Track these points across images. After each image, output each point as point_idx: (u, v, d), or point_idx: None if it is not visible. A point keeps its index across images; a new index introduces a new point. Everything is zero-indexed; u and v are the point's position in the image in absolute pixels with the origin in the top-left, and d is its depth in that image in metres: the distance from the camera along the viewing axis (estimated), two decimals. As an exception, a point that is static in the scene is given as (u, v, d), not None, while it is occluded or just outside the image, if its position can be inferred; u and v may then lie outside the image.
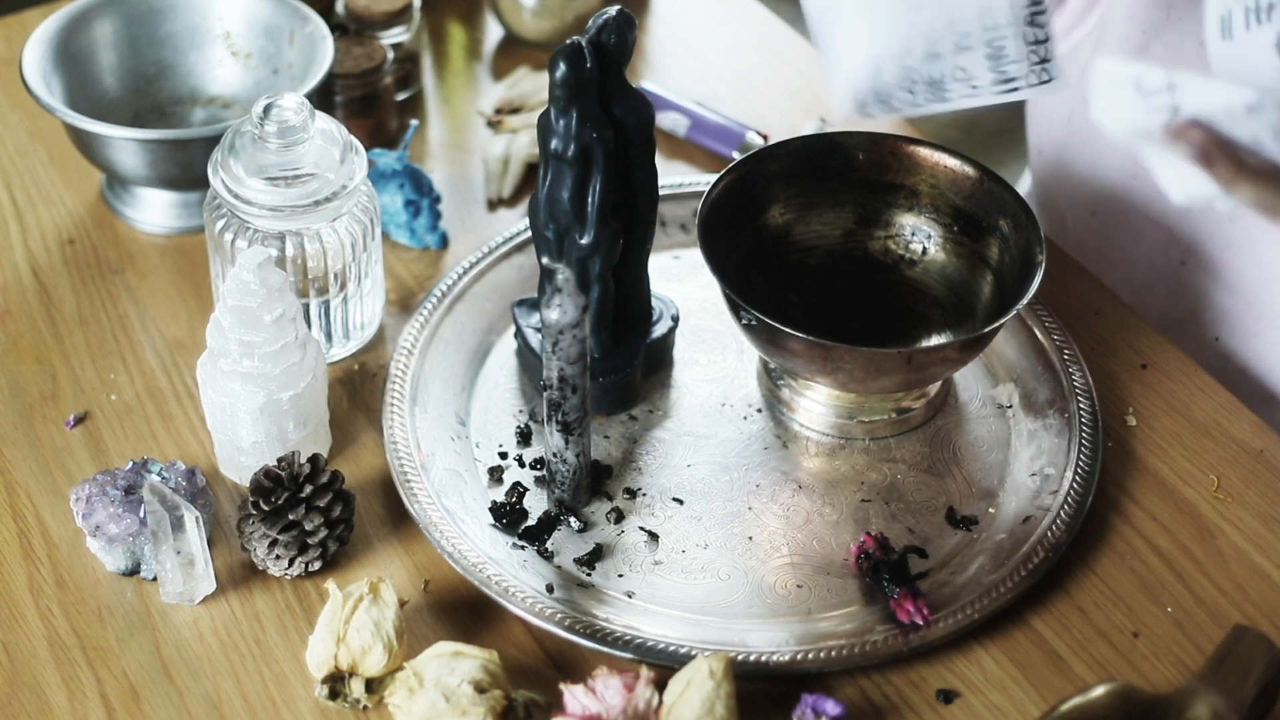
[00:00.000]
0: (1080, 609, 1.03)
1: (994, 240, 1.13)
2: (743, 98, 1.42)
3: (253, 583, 1.03)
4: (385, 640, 0.94)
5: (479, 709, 0.92)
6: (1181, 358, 1.18)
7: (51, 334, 1.19)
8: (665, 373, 1.17)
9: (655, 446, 1.12)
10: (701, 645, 0.99)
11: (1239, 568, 1.05)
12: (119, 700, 0.97)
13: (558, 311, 0.98)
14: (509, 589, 1.01)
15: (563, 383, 1.01)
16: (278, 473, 1.01)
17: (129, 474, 1.04)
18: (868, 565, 1.03)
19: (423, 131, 1.38)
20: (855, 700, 0.98)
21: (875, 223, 1.18)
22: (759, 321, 1.05)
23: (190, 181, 1.22)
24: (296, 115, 1.07)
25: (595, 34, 1.05)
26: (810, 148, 1.16)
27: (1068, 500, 1.07)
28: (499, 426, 1.13)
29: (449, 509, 1.06)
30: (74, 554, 1.05)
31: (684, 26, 1.50)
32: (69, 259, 1.25)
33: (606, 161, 1.06)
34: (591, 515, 1.07)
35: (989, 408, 1.15)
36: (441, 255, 1.26)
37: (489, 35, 1.48)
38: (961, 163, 1.14)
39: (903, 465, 1.11)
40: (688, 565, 1.05)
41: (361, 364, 1.18)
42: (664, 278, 1.22)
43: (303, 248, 1.11)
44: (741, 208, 1.14)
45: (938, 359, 1.07)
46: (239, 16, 1.31)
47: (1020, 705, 0.98)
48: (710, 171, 1.34)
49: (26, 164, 1.33)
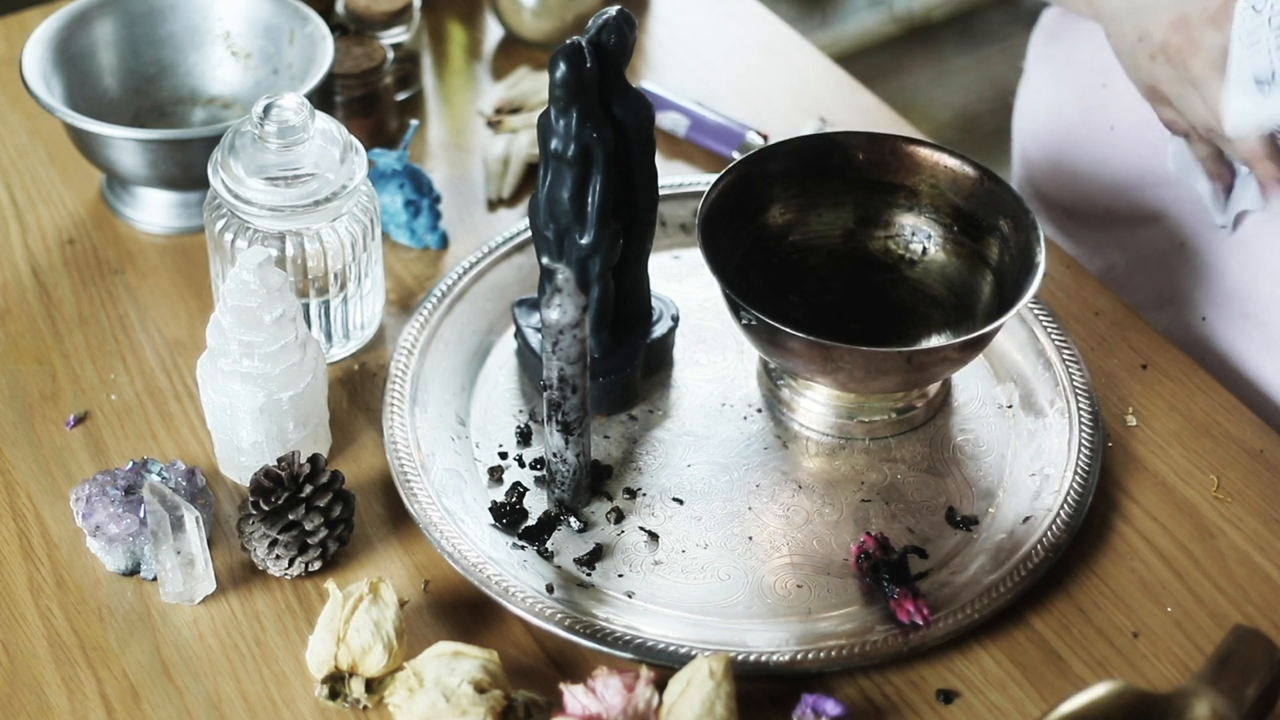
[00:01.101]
0: (1080, 609, 1.03)
1: (994, 240, 1.13)
2: (743, 98, 1.41)
3: (253, 583, 1.03)
4: (385, 640, 0.94)
5: (479, 709, 0.92)
6: (1181, 358, 1.18)
7: (51, 334, 1.19)
8: (665, 373, 1.17)
9: (655, 446, 1.12)
10: (701, 645, 0.99)
11: (1239, 568, 1.05)
12: (119, 700, 0.97)
13: (558, 311, 0.98)
14: (509, 589, 1.01)
15: (563, 383, 1.01)
16: (278, 473, 1.01)
17: (129, 474, 1.04)
18: (868, 565, 1.03)
19: (423, 131, 1.38)
20: (855, 700, 0.98)
21: (875, 223, 1.18)
22: (759, 321, 1.05)
23: (190, 181, 1.22)
24: (296, 115, 1.07)
25: (595, 34, 1.05)
26: (810, 148, 1.16)
27: (1068, 500, 1.07)
28: (499, 426, 1.13)
29: (449, 509, 1.06)
30: (74, 554, 1.05)
31: (684, 26, 1.50)
32: (69, 259, 1.25)
33: (606, 161, 1.06)
34: (591, 515, 1.07)
35: (989, 408, 1.15)
36: (441, 255, 1.26)
37: (489, 35, 1.48)
38: (961, 163, 1.14)
39: (903, 465, 1.11)
40: (688, 565, 1.05)
41: (361, 364, 1.18)
42: (664, 278, 1.22)
43: (303, 248, 1.11)
44: (741, 208, 1.14)
45: (938, 359, 1.07)
46: (239, 16, 1.31)
47: (1020, 705, 0.98)
48: (710, 171, 1.34)
49: (26, 164, 1.33)
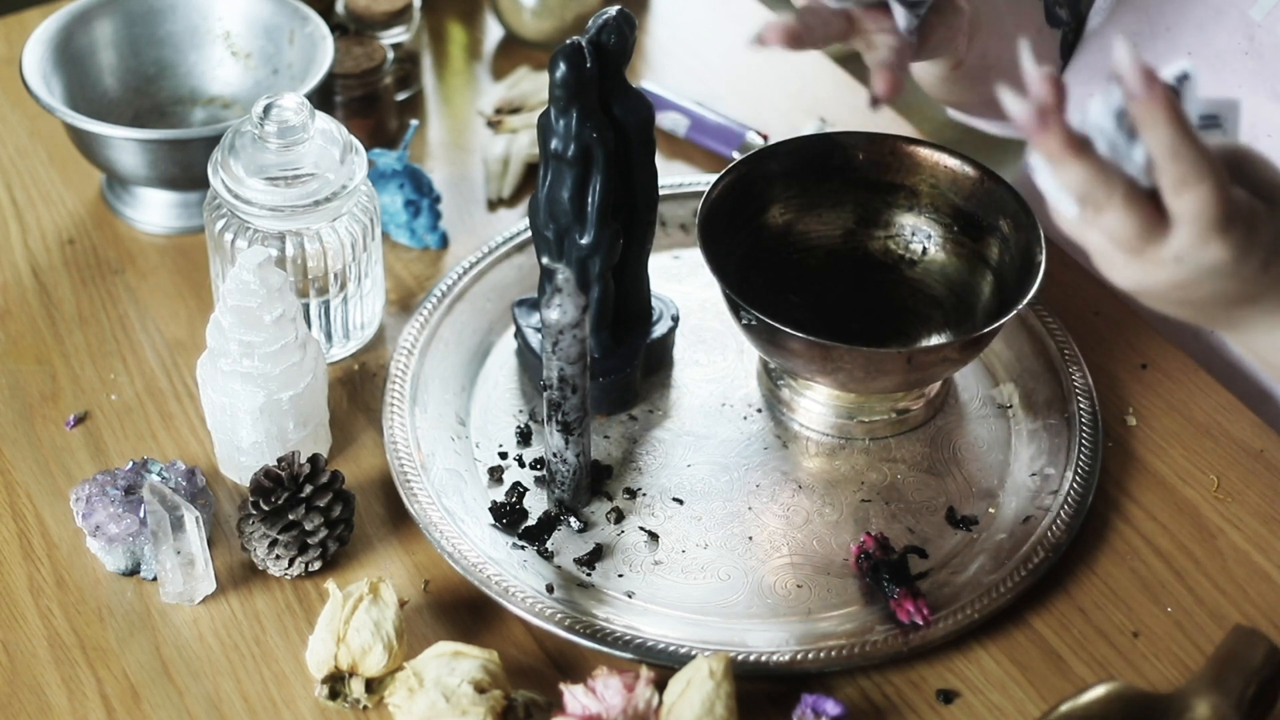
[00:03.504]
0: (1080, 609, 1.03)
1: (994, 240, 1.13)
2: (743, 98, 1.41)
3: (253, 583, 1.03)
4: (385, 640, 0.94)
5: (479, 709, 0.92)
6: (1181, 358, 1.18)
7: (51, 334, 1.19)
8: (665, 373, 1.17)
9: (655, 446, 1.12)
10: (701, 645, 0.99)
11: (1239, 568, 1.05)
12: (119, 700, 0.97)
13: (558, 311, 0.98)
14: (509, 589, 1.01)
15: (563, 383, 1.01)
16: (278, 473, 1.01)
17: (129, 474, 1.04)
18: (868, 565, 1.03)
19: (423, 131, 1.38)
20: (855, 700, 0.98)
21: (875, 223, 1.18)
22: (759, 321, 1.05)
23: (190, 181, 1.22)
24: (296, 115, 1.07)
25: (595, 34, 1.05)
26: (810, 148, 1.16)
27: (1068, 500, 1.07)
28: (499, 426, 1.13)
29: (449, 509, 1.06)
30: (74, 554, 1.05)
31: (684, 26, 1.50)
32: (69, 259, 1.25)
33: (606, 161, 1.06)
34: (591, 515, 1.07)
35: (989, 408, 1.15)
36: (441, 255, 1.26)
37: (489, 35, 1.48)
38: (961, 163, 1.14)
39: (903, 465, 1.11)
40: (688, 565, 1.05)
41: (361, 364, 1.18)
42: (664, 278, 1.22)
43: (303, 248, 1.11)
44: (741, 208, 1.14)
45: (938, 359, 1.07)
46: (239, 16, 1.31)
47: (1020, 705, 0.98)
48: (710, 171, 1.34)
49: (26, 164, 1.33)
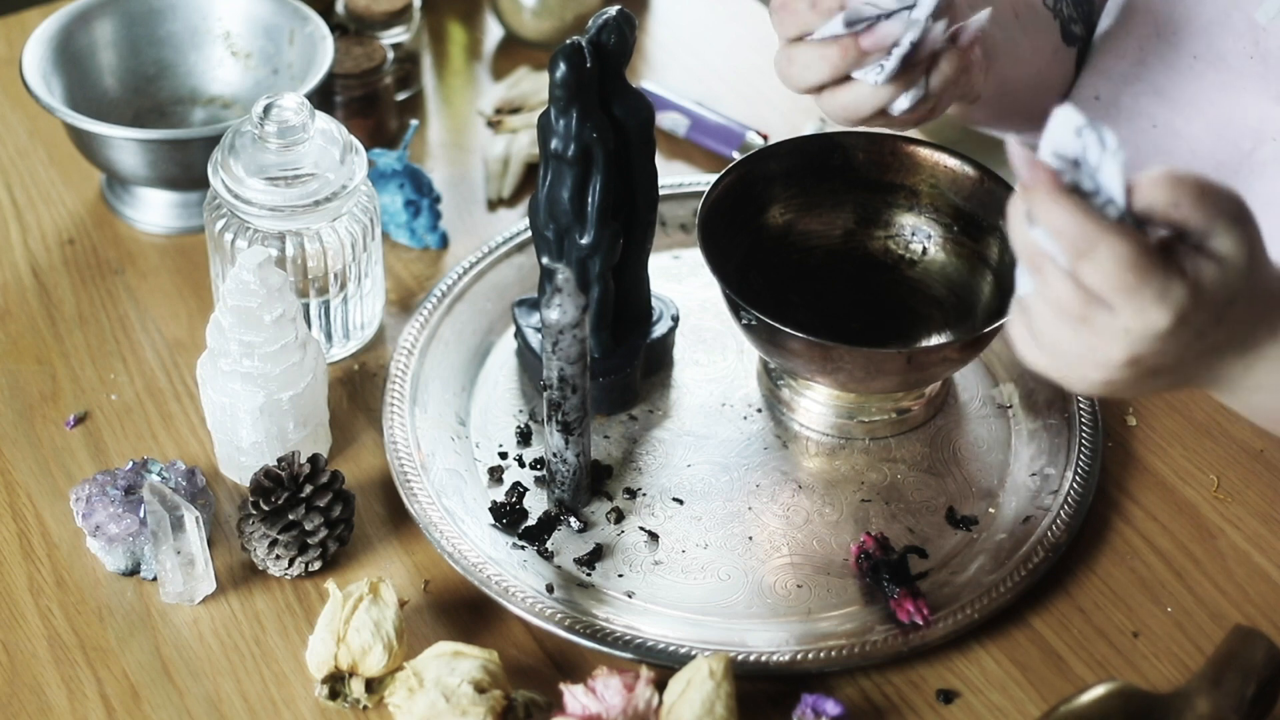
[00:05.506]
0: (1080, 609, 1.03)
1: (994, 240, 1.13)
2: (743, 98, 1.41)
3: (253, 583, 1.03)
4: (385, 640, 0.94)
5: (479, 709, 0.92)
6: (1181, 358, 1.18)
7: (51, 334, 1.19)
8: (665, 373, 1.17)
9: (655, 446, 1.12)
10: (701, 645, 0.99)
11: (1239, 568, 1.05)
12: (119, 700, 0.97)
13: (558, 311, 0.98)
14: (509, 589, 1.01)
15: (563, 383, 1.01)
16: (278, 473, 1.01)
17: (129, 474, 1.04)
18: (868, 565, 1.03)
19: (423, 131, 1.38)
20: (855, 700, 0.98)
21: (875, 223, 1.18)
22: (759, 321, 1.05)
23: (190, 181, 1.22)
24: (296, 115, 1.07)
25: (595, 34, 1.05)
26: (810, 148, 1.16)
27: (1068, 500, 1.07)
28: (499, 426, 1.13)
29: (449, 509, 1.06)
30: (74, 554, 1.05)
31: (684, 26, 1.50)
32: (69, 259, 1.25)
33: (606, 161, 1.06)
34: (591, 515, 1.07)
35: (989, 408, 1.15)
36: (441, 255, 1.26)
37: (489, 35, 1.48)
38: (961, 163, 1.14)
39: (903, 465, 1.11)
40: (688, 565, 1.05)
41: (361, 364, 1.18)
42: (664, 278, 1.22)
43: (303, 248, 1.11)
44: (741, 208, 1.14)
45: (938, 359, 1.07)
46: (239, 16, 1.31)
47: (1020, 705, 0.98)
48: (710, 171, 1.34)
49: (26, 164, 1.33)
